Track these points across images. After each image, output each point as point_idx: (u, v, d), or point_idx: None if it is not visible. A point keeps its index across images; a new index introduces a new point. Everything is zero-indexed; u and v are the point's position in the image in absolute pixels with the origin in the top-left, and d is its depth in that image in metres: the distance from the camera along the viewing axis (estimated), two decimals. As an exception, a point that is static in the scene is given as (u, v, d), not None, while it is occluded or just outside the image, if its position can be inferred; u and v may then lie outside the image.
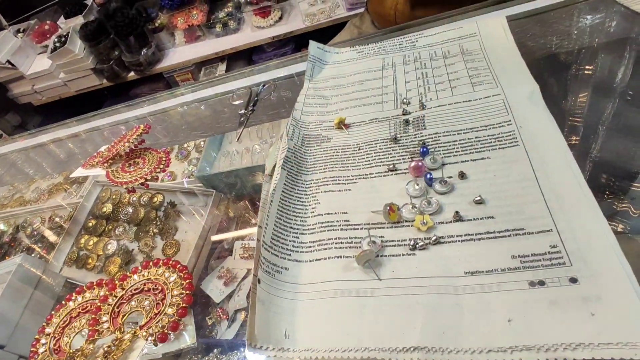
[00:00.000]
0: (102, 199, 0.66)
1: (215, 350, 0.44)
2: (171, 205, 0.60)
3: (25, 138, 0.90)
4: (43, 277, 0.57)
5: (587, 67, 0.58)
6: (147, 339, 0.39)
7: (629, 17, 0.58)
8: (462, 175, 0.40)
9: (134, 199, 0.62)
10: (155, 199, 0.61)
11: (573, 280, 0.30)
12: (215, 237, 0.53)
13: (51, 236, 0.66)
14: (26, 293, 0.55)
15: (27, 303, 0.54)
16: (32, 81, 2.11)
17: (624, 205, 0.47)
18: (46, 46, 2.03)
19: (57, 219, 0.68)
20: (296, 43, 2.00)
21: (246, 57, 2.10)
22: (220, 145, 0.69)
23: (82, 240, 0.61)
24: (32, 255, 0.64)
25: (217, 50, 1.98)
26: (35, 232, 0.68)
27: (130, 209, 0.62)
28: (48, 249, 0.64)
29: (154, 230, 0.57)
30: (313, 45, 0.65)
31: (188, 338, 0.41)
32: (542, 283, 0.31)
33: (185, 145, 0.70)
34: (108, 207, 0.64)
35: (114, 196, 0.65)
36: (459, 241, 0.36)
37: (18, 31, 2.14)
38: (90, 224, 0.63)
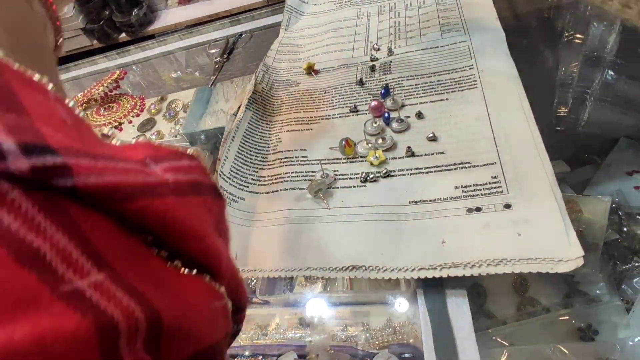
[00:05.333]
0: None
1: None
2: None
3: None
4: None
5: (560, 22, 0.58)
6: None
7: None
8: (420, 115, 0.41)
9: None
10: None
11: (507, 206, 0.32)
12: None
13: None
14: None
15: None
16: (23, 40, 2.07)
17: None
18: (36, 4, 1.99)
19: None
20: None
21: (240, 21, 2.06)
22: (207, 104, 0.69)
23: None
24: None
25: (211, 12, 1.94)
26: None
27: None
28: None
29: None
30: (291, -6, 0.64)
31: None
32: (478, 209, 0.32)
33: (173, 106, 0.70)
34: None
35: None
36: (408, 174, 0.37)
37: (7, -12, 2.10)
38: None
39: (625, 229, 0.51)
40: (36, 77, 0.14)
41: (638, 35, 0.57)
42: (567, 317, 0.45)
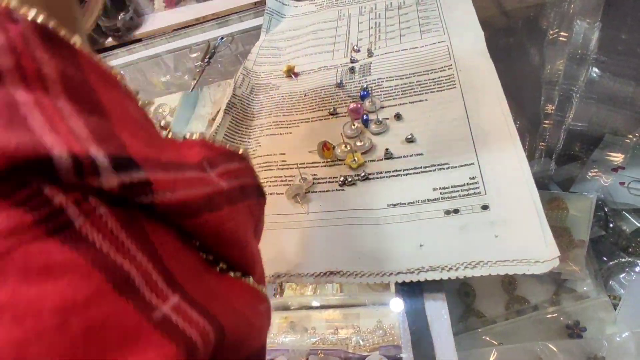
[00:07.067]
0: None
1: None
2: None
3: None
4: None
5: (544, 21, 0.58)
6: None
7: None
8: (398, 117, 0.41)
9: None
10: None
11: (485, 207, 0.31)
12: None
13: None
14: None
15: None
16: (8, 47, 2.05)
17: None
18: (21, 10, 1.97)
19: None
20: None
21: (228, 24, 2.06)
22: (194, 108, 0.68)
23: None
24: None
25: (198, 15, 1.94)
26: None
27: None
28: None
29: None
30: (271, -3, 0.64)
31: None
32: (456, 211, 0.32)
33: (160, 110, 0.69)
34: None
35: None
36: (387, 177, 0.37)
37: (-8, -5, 2.07)
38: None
39: (611, 225, 0.51)
40: (108, 68, 0.15)
41: (620, 32, 0.57)
42: (555, 315, 0.45)
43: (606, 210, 0.51)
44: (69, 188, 0.11)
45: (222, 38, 0.66)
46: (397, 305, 0.44)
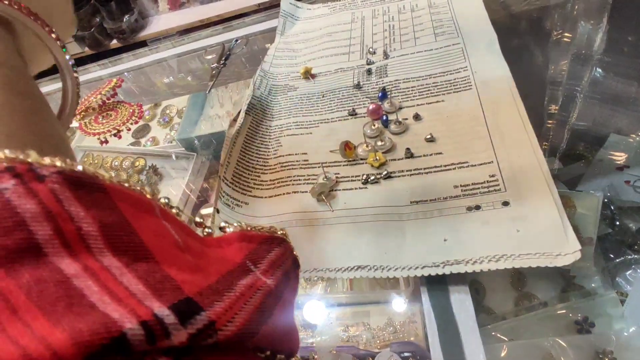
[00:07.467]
0: (84, 164, 0.65)
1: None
2: (153, 169, 0.60)
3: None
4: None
5: (549, 22, 0.60)
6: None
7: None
8: (417, 117, 0.42)
9: (116, 163, 0.63)
10: (138, 163, 0.61)
11: (505, 203, 0.33)
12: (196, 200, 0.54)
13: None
14: None
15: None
16: (12, 48, 2.05)
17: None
18: (25, 12, 1.97)
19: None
20: (282, 12, 1.97)
21: (231, 25, 2.06)
22: (202, 109, 0.69)
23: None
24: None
25: (202, 17, 1.94)
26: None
27: (112, 173, 0.61)
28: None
29: (136, 195, 0.57)
30: (285, 0, 0.65)
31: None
32: (478, 207, 0.33)
33: (167, 112, 0.70)
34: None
35: (96, 161, 0.65)
36: (408, 175, 0.38)
37: (-5, -4, 2.07)
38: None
39: (617, 223, 0.52)
40: (138, 192, 0.14)
41: (624, 33, 0.59)
42: (564, 311, 0.46)
43: (612, 208, 0.52)
44: (140, 355, 0.10)
45: (237, 40, 0.67)
46: (407, 302, 0.45)
